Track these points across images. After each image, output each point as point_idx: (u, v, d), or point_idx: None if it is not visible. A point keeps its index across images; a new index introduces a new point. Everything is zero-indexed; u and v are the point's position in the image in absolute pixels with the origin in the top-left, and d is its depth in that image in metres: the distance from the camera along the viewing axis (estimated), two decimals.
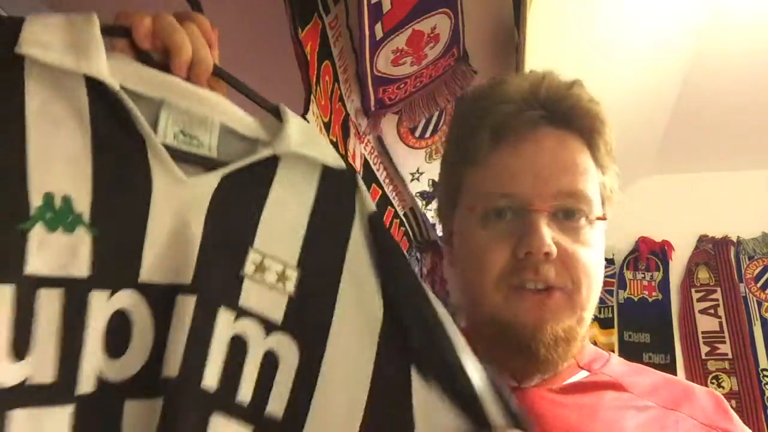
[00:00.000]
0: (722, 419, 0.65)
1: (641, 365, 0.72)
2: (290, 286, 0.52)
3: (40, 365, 0.40)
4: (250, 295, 0.50)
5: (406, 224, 1.59)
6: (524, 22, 1.08)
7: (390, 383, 0.51)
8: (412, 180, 1.41)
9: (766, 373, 2.32)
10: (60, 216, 0.42)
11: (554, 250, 0.61)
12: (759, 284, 2.44)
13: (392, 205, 1.44)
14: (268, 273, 0.52)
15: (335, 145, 0.97)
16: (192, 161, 0.50)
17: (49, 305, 0.41)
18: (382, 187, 1.34)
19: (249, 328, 0.50)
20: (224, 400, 0.48)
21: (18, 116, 0.41)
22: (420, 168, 1.40)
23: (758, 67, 1.82)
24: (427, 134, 1.33)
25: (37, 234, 0.41)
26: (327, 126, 0.93)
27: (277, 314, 0.51)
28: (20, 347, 0.39)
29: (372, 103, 1.06)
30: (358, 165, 1.13)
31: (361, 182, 0.58)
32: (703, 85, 1.92)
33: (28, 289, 0.40)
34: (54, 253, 0.42)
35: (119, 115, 0.46)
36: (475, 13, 1.08)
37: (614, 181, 0.69)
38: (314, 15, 0.86)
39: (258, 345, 0.50)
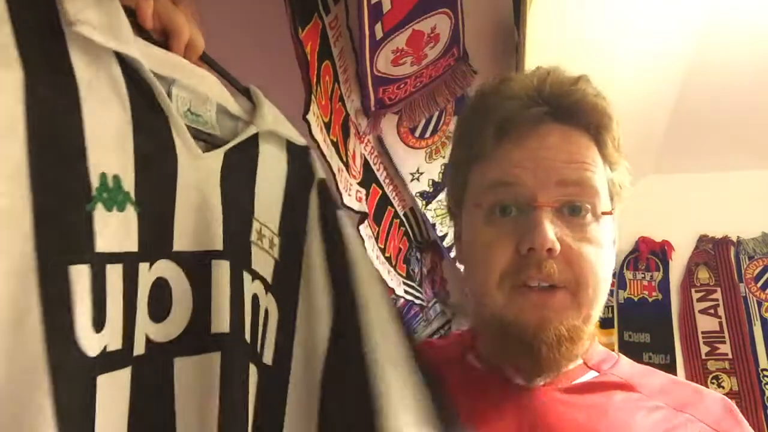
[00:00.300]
0: (732, 424, 0.64)
1: (650, 367, 0.71)
2: (276, 251, 0.58)
3: (113, 334, 0.43)
4: (257, 259, 0.55)
5: (406, 224, 1.59)
6: (524, 22, 1.08)
7: (343, 323, 0.56)
8: (412, 180, 1.41)
9: (766, 373, 2.32)
10: (113, 195, 0.44)
11: (557, 246, 0.60)
12: (759, 284, 2.44)
13: (392, 205, 1.44)
14: (264, 239, 0.57)
15: (335, 145, 0.97)
16: (199, 138, 0.52)
17: (115, 280, 0.43)
18: (382, 187, 1.34)
19: (259, 289, 0.55)
20: (253, 350, 0.53)
21: (73, 96, 0.41)
22: (420, 168, 1.40)
23: (758, 66, 1.82)
24: (427, 134, 1.34)
25: (99, 214, 0.42)
26: (327, 126, 0.93)
27: (269, 276, 0.57)
28: (99, 320, 0.42)
29: (372, 103, 1.06)
30: (358, 165, 1.13)
31: (313, 155, 0.64)
32: (703, 85, 1.92)
33: (99, 267, 0.42)
34: (112, 231, 0.43)
35: (146, 93, 0.47)
36: (475, 13, 1.08)
37: (624, 177, 0.68)
38: (314, 15, 0.86)
39: (263, 303, 0.56)
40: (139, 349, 0.45)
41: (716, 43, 1.70)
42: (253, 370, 0.52)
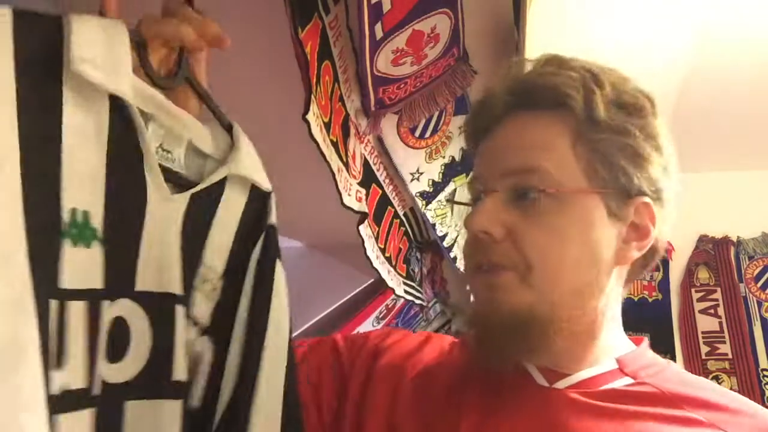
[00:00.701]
0: None
1: (707, 381, 0.67)
2: (217, 294, 0.57)
3: (75, 372, 0.42)
4: (197, 304, 0.55)
5: (406, 224, 1.59)
6: (524, 22, 1.08)
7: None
8: (412, 180, 1.41)
9: (766, 373, 2.32)
10: (81, 231, 0.44)
11: (493, 229, 0.61)
12: (759, 284, 2.44)
13: (392, 205, 1.44)
14: (207, 284, 0.56)
15: (335, 144, 0.97)
16: (168, 178, 0.52)
17: (77, 316, 0.43)
18: (382, 187, 1.34)
19: (192, 334, 0.55)
20: (189, 395, 0.53)
21: (56, 129, 0.42)
22: (420, 168, 1.40)
23: (759, 66, 1.82)
24: (427, 134, 1.33)
25: (66, 248, 0.42)
26: (327, 126, 0.93)
27: (206, 318, 0.56)
28: (61, 357, 0.41)
29: (372, 103, 1.06)
30: (358, 165, 1.13)
31: (273, 198, 0.64)
32: (703, 85, 1.92)
33: (63, 303, 0.41)
34: (78, 266, 0.43)
35: (128, 131, 0.48)
36: (475, 13, 1.08)
37: (621, 155, 0.62)
38: (314, 15, 0.86)
39: (195, 347, 0.55)
40: (96, 389, 0.44)
41: (717, 43, 1.70)
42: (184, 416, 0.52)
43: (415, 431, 0.65)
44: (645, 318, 2.47)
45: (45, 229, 0.41)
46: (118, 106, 0.47)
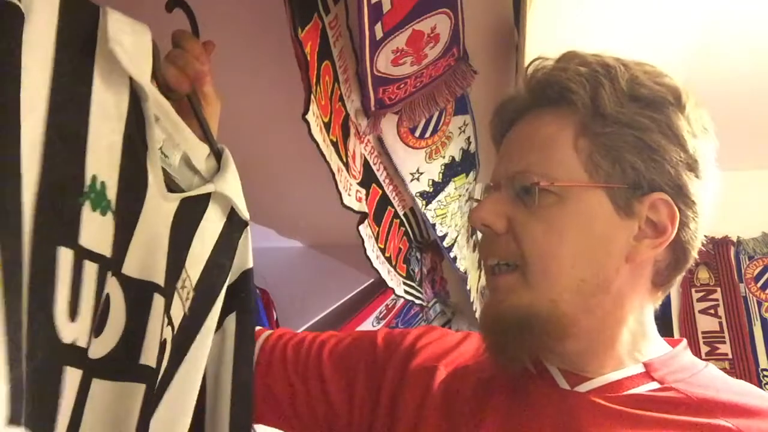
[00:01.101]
0: None
1: (747, 384, 0.65)
2: (188, 305, 0.60)
3: (83, 330, 0.44)
4: (174, 307, 0.57)
5: (406, 224, 1.59)
6: (524, 22, 1.08)
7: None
8: (412, 180, 1.41)
9: (766, 373, 2.32)
10: (99, 198, 0.46)
11: (494, 222, 0.62)
12: (759, 284, 2.44)
13: (392, 205, 1.44)
14: (184, 290, 0.59)
15: (335, 144, 0.97)
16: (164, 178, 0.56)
17: (90, 277, 0.44)
18: (382, 187, 1.34)
19: (168, 335, 0.57)
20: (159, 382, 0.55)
21: (86, 101, 0.46)
22: (420, 168, 1.40)
23: (758, 66, 1.82)
24: (427, 134, 1.33)
25: (86, 210, 0.45)
26: (327, 126, 0.93)
27: (176, 326, 0.59)
28: (73, 310, 0.43)
29: (372, 103, 1.06)
30: (358, 165, 1.13)
31: (248, 233, 0.69)
32: (702, 85, 1.92)
33: (79, 258, 0.43)
34: (94, 229, 0.45)
35: (139, 123, 0.52)
36: (475, 13, 1.08)
37: (626, 147, 0.61)
38: (314, 15, 0.86)
39: (168, 350, 0.57)
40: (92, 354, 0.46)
41: (716, 44, 1.70)
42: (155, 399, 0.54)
43: (440, 431, 0.65)
44: None
45: (69, 185, 0.43)
46: (135, 96, 0.50)
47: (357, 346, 0.77)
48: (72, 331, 0.42)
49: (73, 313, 0.42)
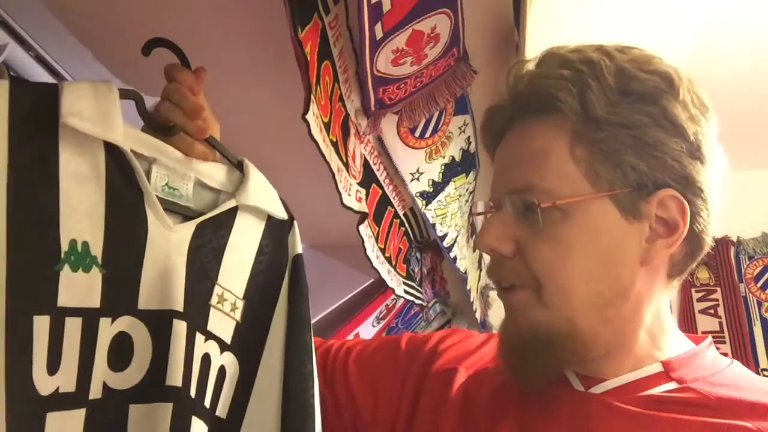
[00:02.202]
0: None
1: None
2: (238, 314, 0.65)
3: (66, 378, 0.50)
4: (214, 321, 0.62)
5: (406, 224, 1.59)
6: (524, 22, 1.08)
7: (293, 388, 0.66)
8: (412, 180, 1.41)
9: (766, 373, 2.32)
10: (81, 258, 0.51)
11: (499, 247, 0.60)
12: (759, 284, 2.44)
13: (392, 205, 1.44)
14: (225, 303, 0.64)
15: (335, 144, 0.97)
16: (174, 209, 0.61)
17: (73, 331, 0.50)
18: (382, 187, 1.34)
19: (212, 348, 0.62)
20: (199, 404, 0.59)
21: (54, 174, 0.51)
22: (420, 168, 1.40)
23: (758, 66, 1.82)
24: (427, 134, 1.33)
25: (64, 273, 0.50)
26: (327, 126, 0.93)
27: (228, 336, 0.64)
28: (53, 364, 0.49)
29: (372, 103, 1.06)
30: (358, 165, 1.13)
31: (295, 227, 0.72)
32: (702, 85, 1.92)
33: (59, 319, 0.49)
34: (76, 289, 0.51)
35: (126, 172, 0.56)
36: (475, 13, 1.08)
37: (624, 149, 0.58)
38: (314, 15, 0.86)
39: (216, 361, 0.62)
40: (95, 393, 0.52)
41: (716, 43, 1.70)
42: (198, 423, 0.59)
43: None
44: None
45: (41, 258, 0.49)
46: (114, 152, 0.55)
47: (381, 351, 0.78)
48: (52, 383, 0.48)
49: (54, 367, 0.49)
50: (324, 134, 0.90)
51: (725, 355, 0.64)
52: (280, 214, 0.70)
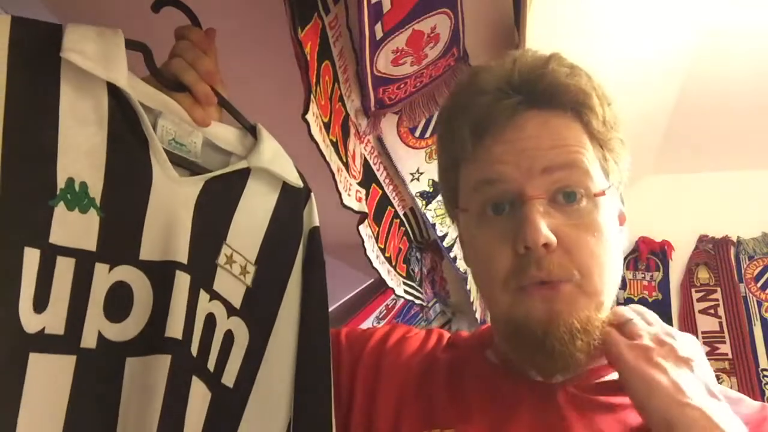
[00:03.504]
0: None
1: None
2: (249, 278, 0.63)
3: (54, 319, 0.48)
4: (221, 281, 0.60)
5: (406, 224, 1.59)
6: (524, 22, 1.08)
7: (309, 363, 0.64)
8: (412, 180, 1.41)
9: (766, 373, 2.32)
10: (78, 198, 0.50)
11: (552, 240, 0.57)
12: (759, 284, 2.44)
13: (392, 205, 1.44)
14: (234, 265, 0.61)
15: (335, 144, 0.97)
16: (181, 164, 0.59)
17: (64, 271, 0.49)
18: (382, 187, 1.34)
19: (217, 309, 0.59)
20: (200, 365, 0.57)
21: (54, 111, 0.49)
22: (420, 168, 1.40)
23: (759, 66, 1.82)
24: (427, 134, 1.33)
25: (59, 210, 0.49)
26: (327, 126, 0.93)
27: (237, 301, 0.61)
28: (41, 302, 0.47)
29: (372, 103, 1.06)
30: (358, 165, 1.13)
31: (312, 199, 0.70)
32: (703, 86, 1.92)
33: (50, 255, 0.48)
34: (71, 228, 0.49)
35: (130, 118, 0.54)
36: (475, 13, 1.08)
37: (620, 151, 0.65)
38: (314, 15, 0.86)
39: (222, 324, 0.60)
40: (88, 342, 0.50)
41: (717, 44, 1.70)
42: (200, 385, 0.56)
43: (419, 427, 0.65)
44: None
45: (36, 191, 0.48)
46: (117, 96, 0.53)
47: None
48: (38, 321, 0.46)
49: (41, 304, 0.47)
50: (324, 134, 0.90)
51: (725, 354, 0.67)
52: (296, 181, 0.68)
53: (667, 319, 2.47)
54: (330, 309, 0.68)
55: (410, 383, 0.69)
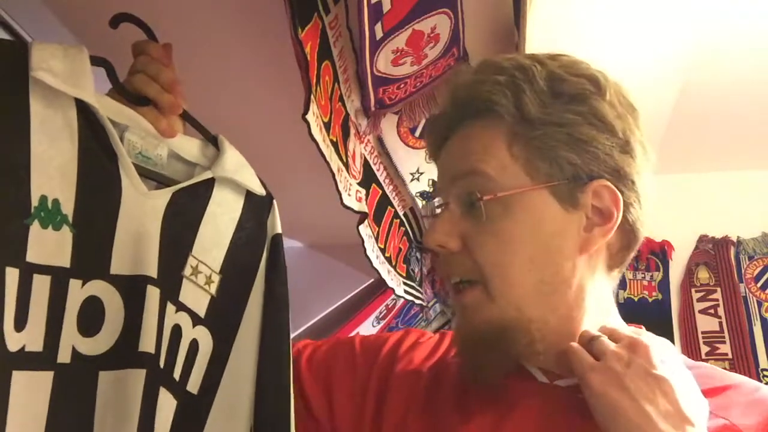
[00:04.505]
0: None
1: (704, 365, 0.67)
2: (213, 288, 0.64)
3: (33, 336, 0.49)
4: (186, 292, 0.61)
5: (406, 224, 1.59)
6: (524, 22, 1.08)
7: (268, 374, 0.65)
8: (412, 180, 1.41)
9: (766, 373, 2.32)
10: (51, 216, 0.51)
11: (446, 242, 0.63)
12: (759, 284, 2.44)
13: (392, 205, 1.44)
14: (200, 275, 0.63)
15: (335, 144, 0.97)
16: (148, 176, 0.60)
17: (41, 288, 0.50)
18: (382, 187, 1.34)
19: (183, 320, 0.61)
20: (167, 376, 0.58)
21: (25, 129, 0.50)
22: (420, 168, 1.40)
23: (759, 66, 1.82)
24: None
25: (34, 229, 0.49)
26: (327, 126, 0.93)
27: (201, 310, 0.63)
28: (20, 320, 0.48)
29: (372, 103, 1.06)
30: (358, 165, 1.13)
31: (275, 207, 0.71)
32: (703, 86, 1.92)
33: (27, 274, 0.49)
34: (46, 246, 0.50)
35: (99, 134, 0.55)
36: (475, 13, 1.08)
37: (571, 144, 0.62)
38: (314, 15, 0.86)
39: (187, 334, 0.61)
40: (63, 357, 0.51)
41: (717, 43, 1.70)
42: (166, 395, 0.58)
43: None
44: (645, 318, 2.46)
45: (12, 210, 0.48)
46: (86, 112, 0.54)
47: (334, 354, 0.77)
48: (19, 339, 0.47)
49: (21, 323, 0.48)
50: (324, 134, 0.91)
51: (725, 354, 0.66)
52: (259, 190, 0.69)
53: (667, 319, 2.47)
54: (330, 309, 0.69)
55: (419, 392, 0.69)
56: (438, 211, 0.68)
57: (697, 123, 2.14)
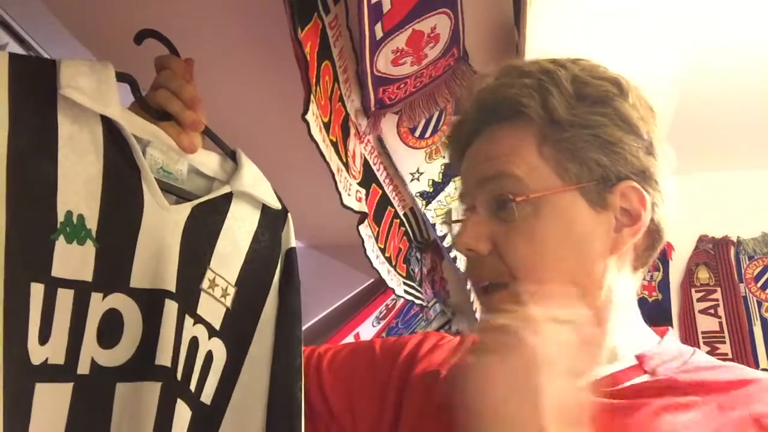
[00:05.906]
0: None
1: (731, 364, 0.65)
2: (229, 300, 0.65)
3: (56, 349, 0.50)
4: (204, 305, 0.62)
5: (406, 224, 1.59)
6: (524, 22, 1.08)
7: (280, 385, 0.66)
8: (412, 180, 1.41)
9: (766, 373, 2.32)
10: (76, 231, 0.52)
11: (476, 246, 0.62)
12: (759, 284, 2.44)
13: (392, 205, 1.44)
14: (216, 288, 0.64)
15: (335, 144, 0.97)
16: (169, 191, 0.61)
17: (64, 302, 0.51)
18: (382, 187, 1.34)
19: (200, 332, 0.62)
20: (184, 388, 0.59)
21: (53, 145, 0.51)
22: (420, 168, 1.40)
23: (759, 67, 1.82)
24: (427, 134, 1.33)
25: (60, 244, 0.51)
26: (327, 126, 0.93)
27: (217, 322, 0.64)
28: (44, 333, 0.49)
29: (372, 103, 1.06)
30: (358, 165, 1.13)
31: (289, 220, 0.73)
32: (703, 86, 1.92)
33: (52, 288, 0.50)
34: (70, 260, 0.51)
35: (123, 150, 0.56)
36: (475, 13, 1.08)
37: (597, 145, 0.62)
38: (314, 15, 0.86)
39: (204, 346, 0.62)
40: (83, 369, 0.52)
41: (717, 44, 1.70)
42: (183, 406, 0.58)
43: None
44: (645, 318, 2.46)
45: (38, 226, 0.49)
46: (111, 128, 0.55)
47: (355, 358, 0.78)
48: (42, 353, 0.48)
49: (44, 337, 0.49)
50: (324, 134, 0.90)
51: (725, 354, 0.66)
52: (274, 203, 0.71)
53: (667, 319, 2.47)
54: (330, 309, 0.70)
55: (436, 395, 0.69)
56: (463, 215, 0.67)
57: (697, 123, 2.14)
